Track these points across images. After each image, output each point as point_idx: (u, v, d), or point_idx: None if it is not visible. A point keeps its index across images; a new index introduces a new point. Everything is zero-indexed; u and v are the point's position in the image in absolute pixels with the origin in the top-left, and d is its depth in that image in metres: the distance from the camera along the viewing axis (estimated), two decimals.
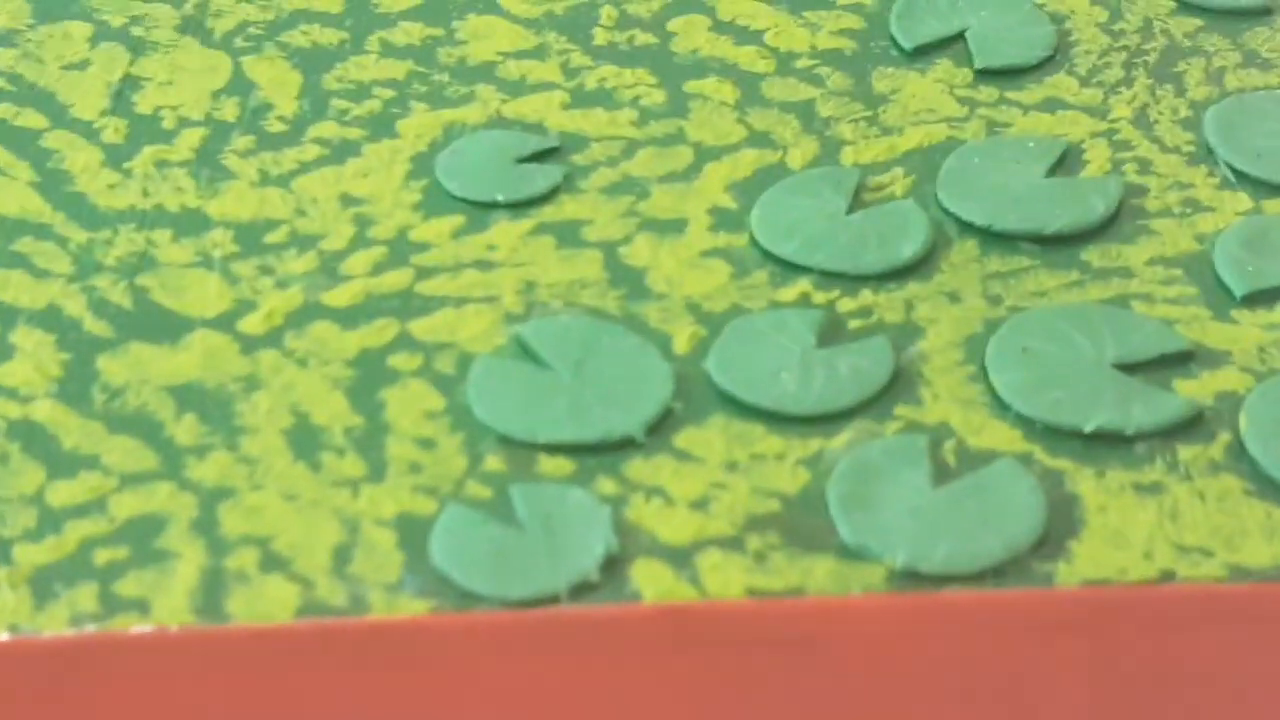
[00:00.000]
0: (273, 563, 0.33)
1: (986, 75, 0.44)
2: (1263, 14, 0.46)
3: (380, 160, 0.41)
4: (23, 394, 0.36)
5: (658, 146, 0.42)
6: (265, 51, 0.44)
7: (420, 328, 0.37)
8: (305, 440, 0.35)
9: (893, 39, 0.45)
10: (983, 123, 0.43)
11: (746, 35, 0.45)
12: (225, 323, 0.37)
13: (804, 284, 0.38)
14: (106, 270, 0.38)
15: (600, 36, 0.45)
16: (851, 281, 0.38)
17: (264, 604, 0.32)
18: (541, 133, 0.42)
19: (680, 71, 0.44)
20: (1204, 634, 0.32)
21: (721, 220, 0.40)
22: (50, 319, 0.37)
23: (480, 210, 0.40)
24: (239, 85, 0.43)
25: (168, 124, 0.42)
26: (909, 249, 0.39)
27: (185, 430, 0.35)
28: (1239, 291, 0.38)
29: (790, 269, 0.39)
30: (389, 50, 0.44)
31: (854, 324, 0.38)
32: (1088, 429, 0.35)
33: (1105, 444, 0.35)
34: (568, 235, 0.39)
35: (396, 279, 0.38)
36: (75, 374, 0.36)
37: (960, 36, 0.45)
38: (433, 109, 0.43)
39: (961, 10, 0.46)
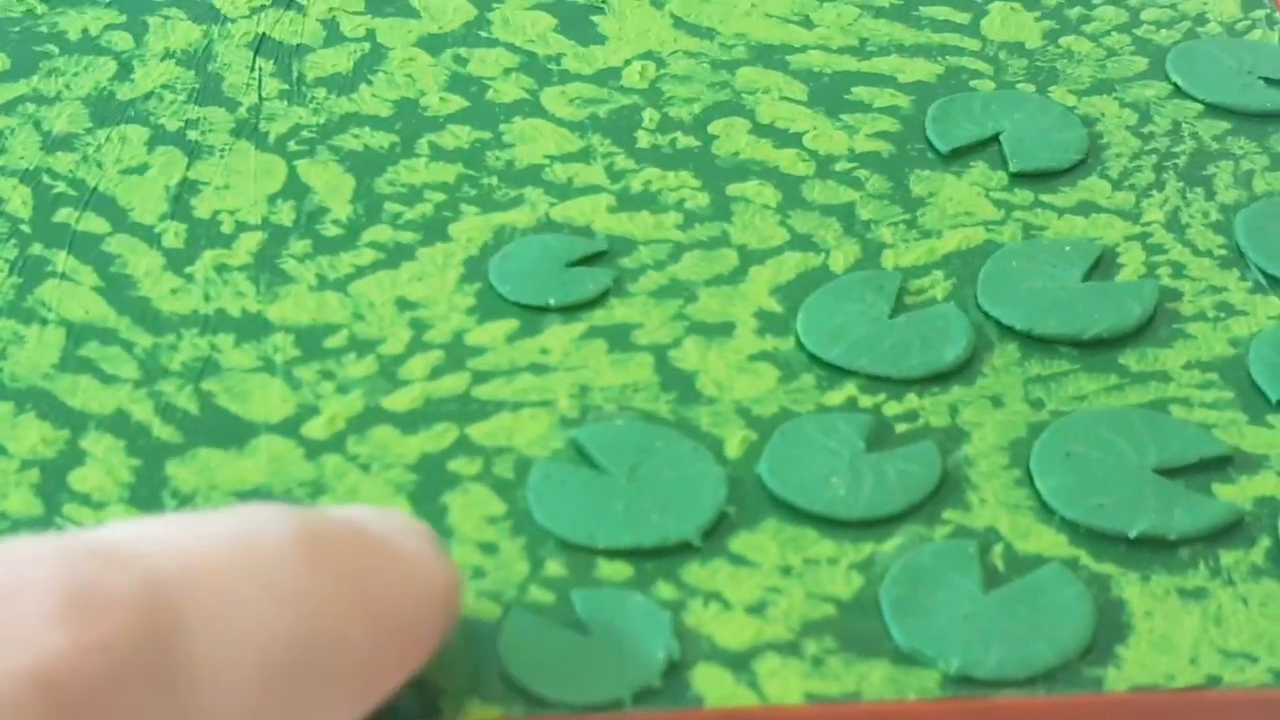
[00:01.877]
0: None
1: (1021, 178, 0.45)
2: None
3: (434, 264, 0.42)
4: (96, 500, 0.37)
5: (703, 250, 0.43)
6: (318, 155, 0.45)
7: (479, 432, 0.38)
8: None
9: (928, 142, 0.46)
10: (1019, 225, 0.44)
11: (786, 138, 0.46)
12: (289, 428, 0.38)
13: (850, 388, 0.39)
14: (172, 375, 0.39)
15: (643, 139, 0.46)
16: (896, 385, 0.40)
17: None
18: (589, 236, 0.43)
19: (722, 174, 0.45)
20: None
21: (768, 324, 0.41)
22: (119, 424, 0.38)
23: (533, 314, 0.41)
24: (294, 189, 0.44)
25: (226, 228, 0.43)
26: (951, 353, 0.40)
27: None
28: (1274, 396, 0.39)
29: (836, 372, 0.40)
30: (439, 154, 0.45)
31: (900, 428, 0.39)
32: (1132, 534, 0.36)
33: (1149, 549, 0.36)
34: (619, 339, 0.41)
35: (454, 383, 0.39)
36: (146, 480, 0.37)
37: (994, 139, 0.46)
38: (483, 212, 0.44)
39: (995, 113, 0.47)
